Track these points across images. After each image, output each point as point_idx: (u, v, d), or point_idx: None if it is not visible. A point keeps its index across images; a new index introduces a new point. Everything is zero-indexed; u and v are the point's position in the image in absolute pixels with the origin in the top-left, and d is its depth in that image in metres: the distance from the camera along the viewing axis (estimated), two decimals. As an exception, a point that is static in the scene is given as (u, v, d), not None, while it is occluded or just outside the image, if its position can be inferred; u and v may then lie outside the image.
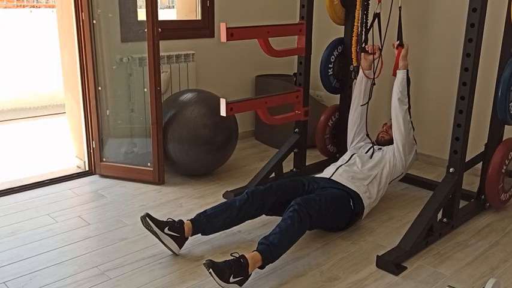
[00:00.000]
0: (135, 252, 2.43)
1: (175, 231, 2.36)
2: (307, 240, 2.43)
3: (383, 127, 3.15)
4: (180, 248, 2.40)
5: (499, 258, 2.42)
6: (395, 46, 2.83)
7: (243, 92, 4.21)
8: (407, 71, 2.82)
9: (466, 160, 2.67)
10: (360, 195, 2.63)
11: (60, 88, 4.47)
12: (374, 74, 3.01)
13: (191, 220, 2.43)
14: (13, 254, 2.40)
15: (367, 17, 3.08)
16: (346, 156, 2.99)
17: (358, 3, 3.04)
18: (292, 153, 3.31)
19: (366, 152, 2.98)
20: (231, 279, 2.03)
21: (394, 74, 2.87)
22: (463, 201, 2.84)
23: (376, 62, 3.00)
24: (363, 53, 3.03)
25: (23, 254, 2.40)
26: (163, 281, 2.19)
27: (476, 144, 2.92)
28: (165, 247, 2.38)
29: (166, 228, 2.35)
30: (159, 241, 2.37)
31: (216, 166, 3.46)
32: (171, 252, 2.39)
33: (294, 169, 3.39)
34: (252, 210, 2.50)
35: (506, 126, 2.82)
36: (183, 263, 2.34)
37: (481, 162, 2.87)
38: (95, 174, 3.42)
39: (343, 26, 3.34)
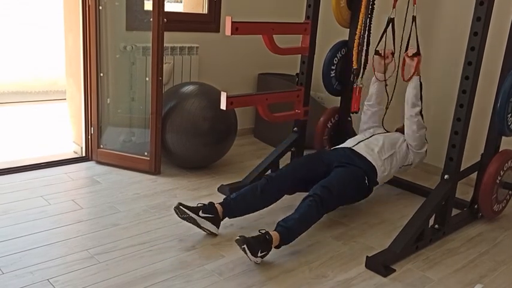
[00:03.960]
0: (126, 238, 2.43)
1: (209, 212, 2.46)
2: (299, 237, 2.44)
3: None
4: (218, 228, 2.50)
5: (487, 267, 2.43)
6: (411, 54, 2.87)
7: (244, 89, 4.21)
8: (420, 76, 2.91)
9: (462, 169, 2.69)
10: (376, 168, 2.80)
11: (62, 74, 4.47)
12: (385, 76, 3.12)
13: (220, 203, 2.53)
14: (4, 232, 2.40)
15: (371, 20, 3.10)
16: (367, 134, 3.12)
17: (362, 6, 3.06)
18: (289, 152, 3.32)
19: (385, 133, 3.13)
20: (259, 254, 2.21)
21: (404, 79, 2.95)
22: (456, 210, 2.85)
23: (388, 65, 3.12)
24: (377, 57, 3.11)
25: (14, 233, 2.40)
26: (152, 267, 2.19)
27: (472, 156, 2.93)
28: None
29: (201, 211, 2.45)
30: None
31: (213, 160, 3.46)
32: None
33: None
34: (273, 193, 2.64)
35: (503, 138, 2.83)
36: (174, 251, 2.34)
37: (476, 173, 2.88)
38: (91, 160, 3.43)
39: (348, 29, 3.35)
